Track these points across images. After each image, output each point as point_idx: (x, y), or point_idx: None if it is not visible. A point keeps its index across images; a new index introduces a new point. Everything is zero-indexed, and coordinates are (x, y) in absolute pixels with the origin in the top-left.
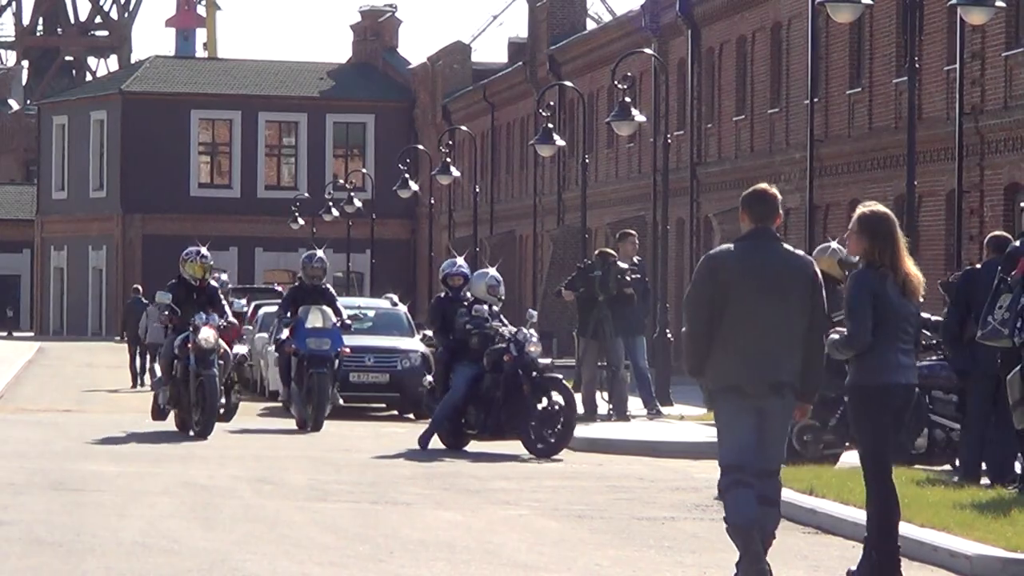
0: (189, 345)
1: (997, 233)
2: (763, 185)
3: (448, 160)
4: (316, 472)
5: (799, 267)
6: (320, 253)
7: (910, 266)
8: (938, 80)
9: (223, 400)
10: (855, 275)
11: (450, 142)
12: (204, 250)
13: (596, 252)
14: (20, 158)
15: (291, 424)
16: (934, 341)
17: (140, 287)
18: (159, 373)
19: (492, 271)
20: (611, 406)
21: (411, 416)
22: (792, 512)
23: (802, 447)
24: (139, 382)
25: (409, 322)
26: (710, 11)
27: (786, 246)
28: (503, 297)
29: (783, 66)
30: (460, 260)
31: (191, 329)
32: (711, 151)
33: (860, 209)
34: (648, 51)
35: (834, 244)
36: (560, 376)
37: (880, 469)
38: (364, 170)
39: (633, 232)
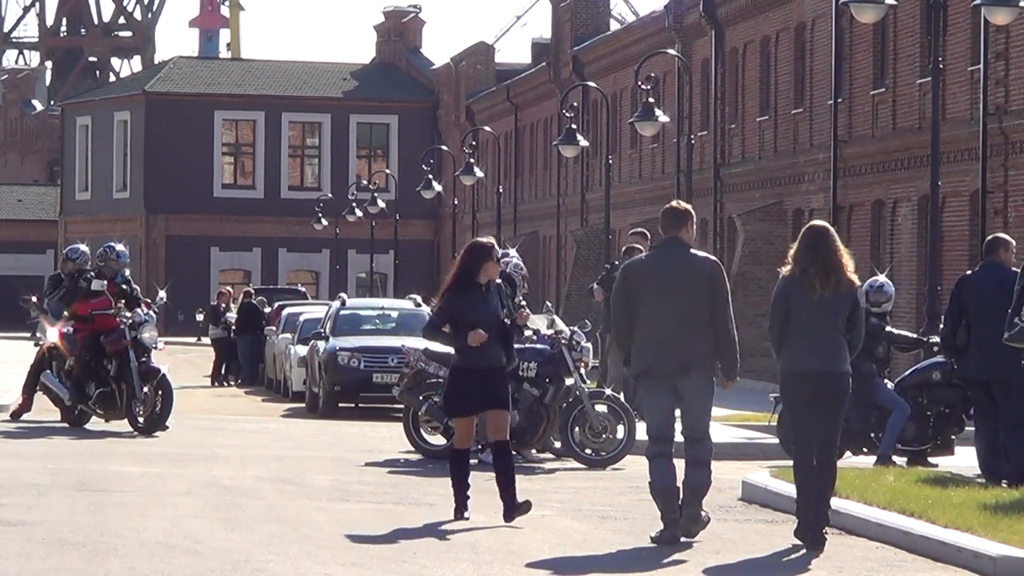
0: None
1: (995, 236)
2: (674, 202)
3: (471, 161)
4: (339, 473)
5: (698, 268)
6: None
7: (846, 271)
8: (962, 80)
9: None
10: (779, 282)
11: (473, 143)
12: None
13: (623, 249)
14: (43, 159)
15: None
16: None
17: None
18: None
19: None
20: (635, 407)
21: None
22: None
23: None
24: None
25: None
26: (734, 11)
27: (692, 250)
28: None
29: (807, 66)
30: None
31: None
32: (735, 151)
33: (806, 227)
34: (672, 52)
35: None
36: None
37: (801, 446)
38: (387, 171)
39: (643, 230)
